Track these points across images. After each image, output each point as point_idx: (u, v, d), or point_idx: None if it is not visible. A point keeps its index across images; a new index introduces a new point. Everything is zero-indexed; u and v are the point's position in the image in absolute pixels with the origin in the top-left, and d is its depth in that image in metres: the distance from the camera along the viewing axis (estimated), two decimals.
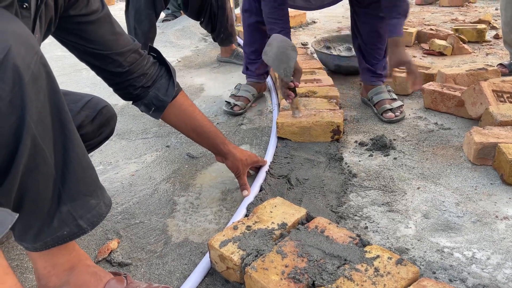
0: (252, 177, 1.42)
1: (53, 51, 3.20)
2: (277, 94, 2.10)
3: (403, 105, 1.87)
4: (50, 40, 1.04)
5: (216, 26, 2.64)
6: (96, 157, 1.65)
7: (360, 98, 2.05)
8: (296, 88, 1.60)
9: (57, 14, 0.90)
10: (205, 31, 3.45)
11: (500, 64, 2.33)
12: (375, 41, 1.85)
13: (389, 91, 1.90)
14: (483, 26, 3.03)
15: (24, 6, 0.76)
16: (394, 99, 1.87)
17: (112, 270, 1.05)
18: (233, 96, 2.01)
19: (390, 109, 1.81)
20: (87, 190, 0.82)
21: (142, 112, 1.16)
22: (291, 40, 1.58)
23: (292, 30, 3.71)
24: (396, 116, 1.80)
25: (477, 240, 1.11)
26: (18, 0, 0.75)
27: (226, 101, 1.99)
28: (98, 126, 1.18)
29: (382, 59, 1.89)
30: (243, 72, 2.12)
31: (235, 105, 1.95)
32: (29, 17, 0.79)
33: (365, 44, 1.87)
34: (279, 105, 1.91)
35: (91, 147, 1.21)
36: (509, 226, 1.15)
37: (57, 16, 0.91)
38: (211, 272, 1.04)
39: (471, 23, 3.40)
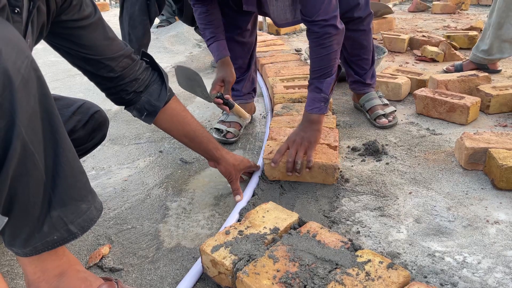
0: (245, 182, 1.42)
1: (47, 56, 3.19)
2: (270, 99, 2.11)
3: (395, 110, 1.88)
4: (44, 46, 1.04)
5: None
6: (89, 162, 1.65)
7: (353, 103, 2.06)
8: (230, 99, 1.54)
9: (49, 19, 0.90)
10: (199, 37, 3.47)
11: (452, 65, 2.52)
12: (360, 52, 1.83)
13: (380, 97, 1.90)
14: (474, 33, 3.07)
15: (16, 11, 0.76)
16: (386, 105, 1.88)
17: (104, 275, 1.04)
18: (222, 122, 1.80)
19: (383, 115, 1.82)
20: (77, 194, 0.82)
21: (135, 117, 1.16)
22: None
23: (286, 36, 3.75)
24: (389, 121, 1.81)
25: (468, 244, 1.11)
26: (9, 5, 0.75)
27: (215, 128, 1.77)
28: (90, 130, 1.18)
29: (369, 68, 1.89)
30: None
31: (228, 132, 1.74)
32: (20, 22, 0.79)
33: (351, 56, 1.85)
34: (272, 110, 1.92)
35: (83, 152, 1.21)
36: (500, 231, 1.16)
37: (49, 21, 0.91)
38: (203, 277, 1.04)
39: (462, 30, 3.45)
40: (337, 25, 1.31)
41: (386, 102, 1.90)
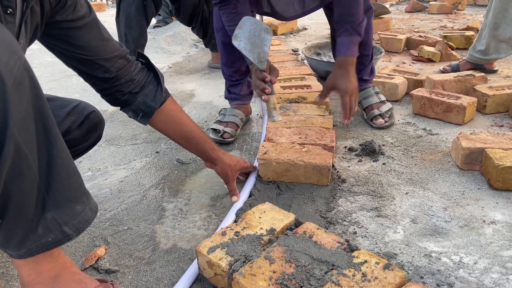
0: (242, 183, 1.42)
1: (43, 57, 3.18)
2: None
3: (392, 107, 1.86)
4: (40, 46, 1.03)
5: (208, 31, 2.65)
6: (85, 163, 1.64)
7: None
8: (274, 85, 1.36)
9: (43, 19, 0.90)
10: (196, 37, 3.47)
11: (449, 65, 2.51)
12: (360, 49, 1.72)
13: (376, 93, 1.88)
14: (471, 33, 3.07)
15: (8, 11, 0.76)
16: (383, 102, 1.85)
17: (99, 277, 1.04)
18: (219, 122, 1.77)
19: (380, 115, 1.80)
20: (72, 196, 0.81)
21: (130, 118, 1.16)
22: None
23: (283, 36, 3.74)
24: (385, 122, 1.80)
25: (464, 244, 1.11)
26: (2, 6, 0.75)
27: (212, 129, 1.76)
28: (86, 131, 1.17)
29: (368, 63, 1.86)
30: (225, 97, 1.92)
31: (225, 132, 1.72)
32: (13, 23, 0.78)
33: None
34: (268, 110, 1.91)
35: (79, 153, 1.21)
36: (496, 231, 1.16)
37: (43, 22, 0.91)
38: (199, 279, 1.03)
39: (459, 30, 3.45)
40: None
41: (383, 98, 1.87)
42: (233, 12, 1.46)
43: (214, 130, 1.75)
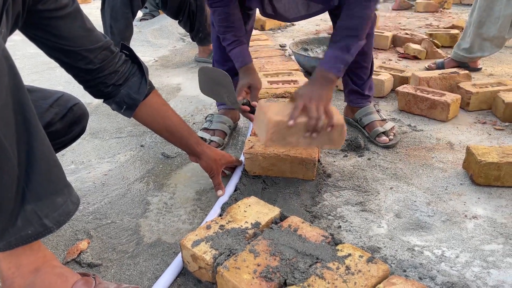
0: (228, 177, 1.41)
1: (26, 48, 3.12)
2: None
3: (394, 126, 1.72)
4: (23, 37, 1.01)
5: (195, 25, 2.63)
6: (68, 156, 1.62)
7: (343, 118, 1.79)
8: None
9: (24, 8, 0.88)
10: (183, 31, 3.43)
11: (434, 63, 2.53)
12: (359, 59, 1.62)
13: (378, 111, 1.74)
14: (456, 31, 3.11)
15: None
16: (384, 120, 1.71)
17: (82, 271, 1.02)
18: (205, 130, 1.67)
19: (383, 132, 1.65)
20: (53, 188, 0.80)
21: (113, 110, 1.14)
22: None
23: (270, 32, 3.73)
24: (390, 140, 1.64)
25: (446, 238, 1.13)
26: None
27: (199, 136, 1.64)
28: (69, 123, 1.15)
29: (367, 78, 1.72)
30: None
31: (211, 141, 1.62)
32: None
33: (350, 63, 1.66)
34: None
35: (62, 145, 1.19)
36: (478, 225, 1.18)
37: (25, 11, 0.88)
38: (184, 272, 1.03)
39: (444, 28, 3.49)
40: None
41: (385, 117, 1.73)
42: (225, 13, 1.44)
43: (200, 138, 1.67)
